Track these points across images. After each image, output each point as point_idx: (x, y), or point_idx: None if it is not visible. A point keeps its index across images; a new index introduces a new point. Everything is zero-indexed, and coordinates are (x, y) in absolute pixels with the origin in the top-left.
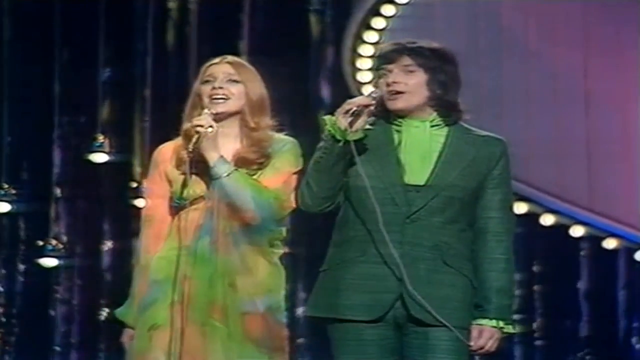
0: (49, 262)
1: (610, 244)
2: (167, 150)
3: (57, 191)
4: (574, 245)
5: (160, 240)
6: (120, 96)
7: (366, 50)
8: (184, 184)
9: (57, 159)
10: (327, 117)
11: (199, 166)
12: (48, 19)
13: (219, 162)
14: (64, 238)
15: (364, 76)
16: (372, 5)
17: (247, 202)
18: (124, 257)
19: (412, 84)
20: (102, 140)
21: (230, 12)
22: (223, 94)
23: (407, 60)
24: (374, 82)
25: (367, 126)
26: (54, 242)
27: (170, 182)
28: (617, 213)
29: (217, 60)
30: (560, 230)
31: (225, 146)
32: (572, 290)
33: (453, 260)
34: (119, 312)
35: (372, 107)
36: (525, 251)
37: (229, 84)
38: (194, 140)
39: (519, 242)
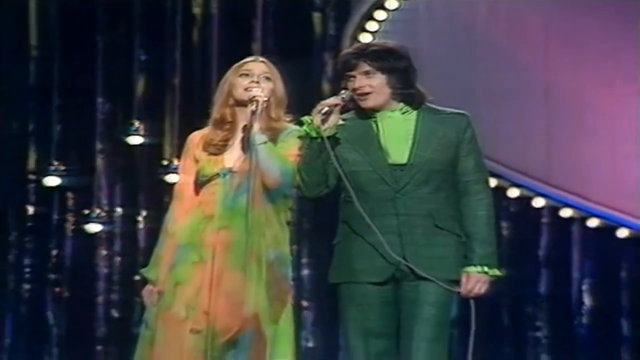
0: (93, 227)
1: (565, 212)
2: (196, 137)
3: (100, 168)
4: (536, 214)
5: (187, 213)
6: (152, 87)
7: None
8: (207, 164)
9: (99, 140)
10: (304, 118)
11: (218, 149)
12: (92, 18)
13: (259, 132)
14: (105, 208)
15: None
16: (366, 11)
17: (273, 169)
18: (155, 225)
19: (375, 85)
20: (137, 125)
21: (244, 17)
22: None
23: (365, 67)
24: (343, 84)
25: (340, 122)
26: (97, 211)
27: (197, 162)
28: (571, 186)
29: (252, 58)
30: (523, 201)
31: None
32: (534, 253)
33: (444, 223)
34: (144, 270)
35: (341, 106)
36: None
37: (263, 80)
38: (252, 107)
39: None
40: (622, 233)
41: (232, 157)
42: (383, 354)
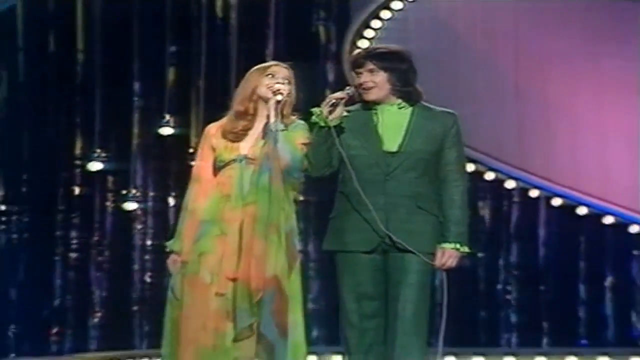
0: (129, 206)
1: (533, 193)
2: (213, 127)
3: (135, 155)
4: (508, 194)
5: (205, 193)
6: (180, 86)
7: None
8: (225, 150)
9: (136, 131)
10: (314, 109)
11: (237, 137)
12: (130, 27)
13: (278, 120)
14: (140, 189)
15: None
16: (363, 20)
17: (286, 153)
18: (181, 203)
19: (377, 81)
20: (168, 118)
21: (259, 26)
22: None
23: (370, 65)
24: (351, 81)
25: (345, 113)
26: (133, 191)
27: (214, 150)
28: (538, 170)
29: (276, 63)
30: (497, 183)
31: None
32: (506, 228)
33: (425, 205)
34: (169, 243)
35: (345, 100)
36: (472, 199)
37: (285, 82)
38: (278, 98)
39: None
40: (582, 211)
41: (247, 145)
42: (374, 314)
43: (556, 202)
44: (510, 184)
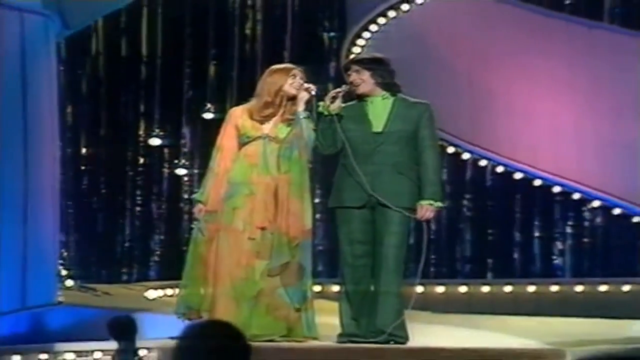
0: (180, 171)
1: (482, 162)
2: (238, 110)
3: (185, 134)
4: (463, 164)
5: (229, 159)
6: (219, 81)
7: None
8: (251, 129)
9: (185, 115)
10: (320, 102)
11: (262, 120)
12: (182, 39)
13: (303, 110)
14: (188, 159)
15: None
16: (356, 32)
17: (308, 135)
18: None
19: (363, 79)
20: (209, 106)
21: (279, 36)
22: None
23: (357, 67)
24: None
25: (342, 105)
26: (183, 161)
27: (238, 128)
28: (488, 145)
29: (295, 66)
30: (457, 155)
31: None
32: (461, 188)
33: (404, 171)
34: (196, 195)
35: (342, 94)
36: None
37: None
38: (312, 92)
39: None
40: (518, 175)
41: (269, 126)
42: (363, 256)
43: (499, 169)
44: (465, 156)
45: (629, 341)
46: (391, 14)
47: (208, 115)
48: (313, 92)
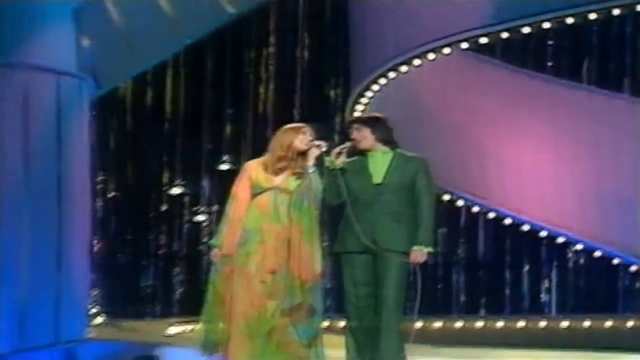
0: (200, 217)
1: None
2: (253, 163)
3: (204, 183)
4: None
5: (242, 208)
6: (234, 137)
7: (356, 113)
8: (264, 181)
9: (203, 167)
10: (326, 158)
11: (275, 173)
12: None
13: (312, 165)
14: (207, 206)
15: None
16: (358, 92)
17: (317, 187)
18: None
19: (364, 136)
20: (225, 159)
21: (287, 95)
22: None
23: (357, 125)
24: (348, 138)
25: (346, 160)
26: (202, 208)
27: (251, 180)
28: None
29: (305, 125)
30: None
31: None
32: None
33: (401, 219)
34: (212, 241)
35: (346, 151)
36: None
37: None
38: (322, 149)
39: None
40: (507, 221)
41: (280, 179)
42: (366, 296)
43: (475, 208)
44: (460, 203)
45: None
46: (391, 75)
47: (224, 167)
48: (323, 149)
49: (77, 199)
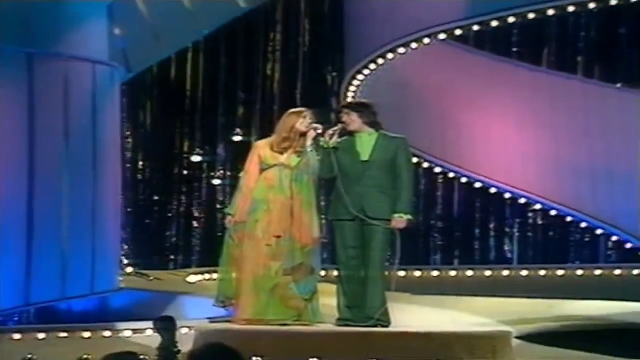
0: (215, 181)
1: (450, 174)
2: (261, 143)
3: (220, 152)
4: (434, 176)
5: (252, 181)
6: (246, 113)
7: (349, 94)
8: (271, 158)
9: (219, 138)
10: (321, 138)
11: (280, 151)
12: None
13: (311, 144)
14: (221, 172)
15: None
16: (351, 76)
17: (314, 164)
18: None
19: (352, 119)
20: (238, 131)
21: (290, 76)
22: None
23: (347, 110)
24: (339, 121)
25: (338, 139)
26: (217, 172)
27: (260, 157)
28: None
29: (306, 109)
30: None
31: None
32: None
33: (385, 190)
34: (227, 209)
35: (338, 132)
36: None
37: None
38: (318, 131)
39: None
40: (477, 185)
41: (284, 157)
42: (354, 257)
43: (463, 180)
44: (437, 169)
45: (561, 319)
46: (380, 60)
47: (237, 138)
48: (319, 130)
49: (109, 167)
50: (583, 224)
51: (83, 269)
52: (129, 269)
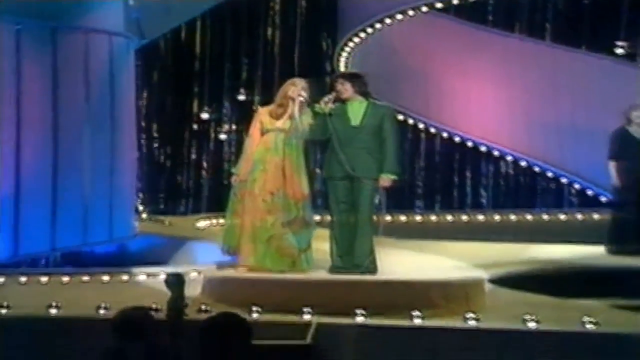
0: (222, 136)
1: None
2: (263, 110)
3: (226, 110)
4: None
5: (255, 144)
6: (249, 74)
7: (342, 59)
8: (269, 124)
9: (225, 98)
10: (317, 105)
11: (277, 117)
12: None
13: (297, 110)
14: (227, 128)
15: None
16: (343, 43)
17: (302, 128)
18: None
19: (346, 88)
20: (242, 91)
21: (288, 40)
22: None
23: (341, 80)
24: (333, 89)
25: (333, 106)
26: (223, 128)
27: (261, 123)
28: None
29: (299, 79)
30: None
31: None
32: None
33: (372, 152)
34: (233, 169)
35: (332, 100)
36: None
37: (303, 91)
38: (301, 99)
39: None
40: (457, 139)
41: (280, 122)
42: (345, 211)
43: (444, 134)
44: (420, 125)
45: (529, 263)
46: (369, 30)
47: (241, 98)
48: (301, 98)
49: (125, 125)
50: (550, 174)
51: (102, 217)
52: (145, 216)
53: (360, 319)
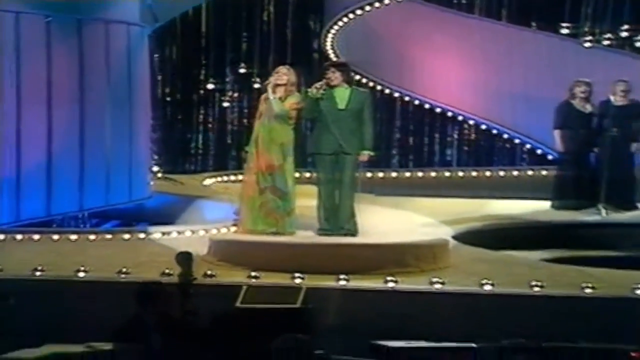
0: (225, 104)
1: (406, 98)
2: (264, 95)
3: (229, 81)
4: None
5: (257, 124)
6: (249, 49)
7: (328, 40)
8: (264, 105)
9: (228, 70)
10: (309, 89)
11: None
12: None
13: (272, 93)
14: (230, 94)
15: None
16: (329, 25)
17: (275, 110)
18: None
19: (335, 76)
20: (243, 65)
21: (282, 22)
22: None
23: (332, 69)
24: (323, 77)
25: (322, 92)
26: (226, 97)
27: (263, 106)
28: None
29: (282, 66)
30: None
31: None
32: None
33: (355, 133)
34: (246, 148)
35: (323, 85)
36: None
37: (284, 76)
38: (278, 82)
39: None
40: (427, 106)
41: (264, 107)
42: (331, 181)
43: (416, 102)
44: (395, 94)
45: (487, 218)
46: (351, 15)
47: (242, 70)
48: (279, 81)
49: (142, 99)
50: (505, 136)
51: (122, 181)
52: (160, 175)
53: (342, 282)
